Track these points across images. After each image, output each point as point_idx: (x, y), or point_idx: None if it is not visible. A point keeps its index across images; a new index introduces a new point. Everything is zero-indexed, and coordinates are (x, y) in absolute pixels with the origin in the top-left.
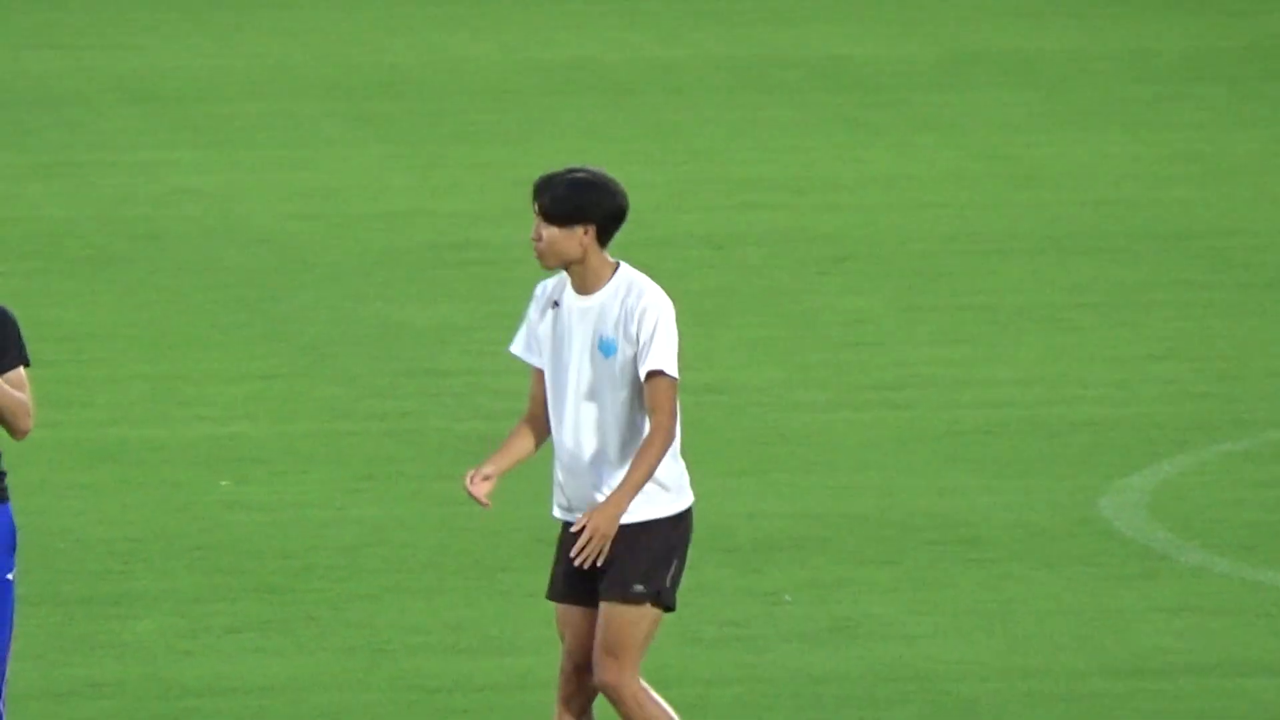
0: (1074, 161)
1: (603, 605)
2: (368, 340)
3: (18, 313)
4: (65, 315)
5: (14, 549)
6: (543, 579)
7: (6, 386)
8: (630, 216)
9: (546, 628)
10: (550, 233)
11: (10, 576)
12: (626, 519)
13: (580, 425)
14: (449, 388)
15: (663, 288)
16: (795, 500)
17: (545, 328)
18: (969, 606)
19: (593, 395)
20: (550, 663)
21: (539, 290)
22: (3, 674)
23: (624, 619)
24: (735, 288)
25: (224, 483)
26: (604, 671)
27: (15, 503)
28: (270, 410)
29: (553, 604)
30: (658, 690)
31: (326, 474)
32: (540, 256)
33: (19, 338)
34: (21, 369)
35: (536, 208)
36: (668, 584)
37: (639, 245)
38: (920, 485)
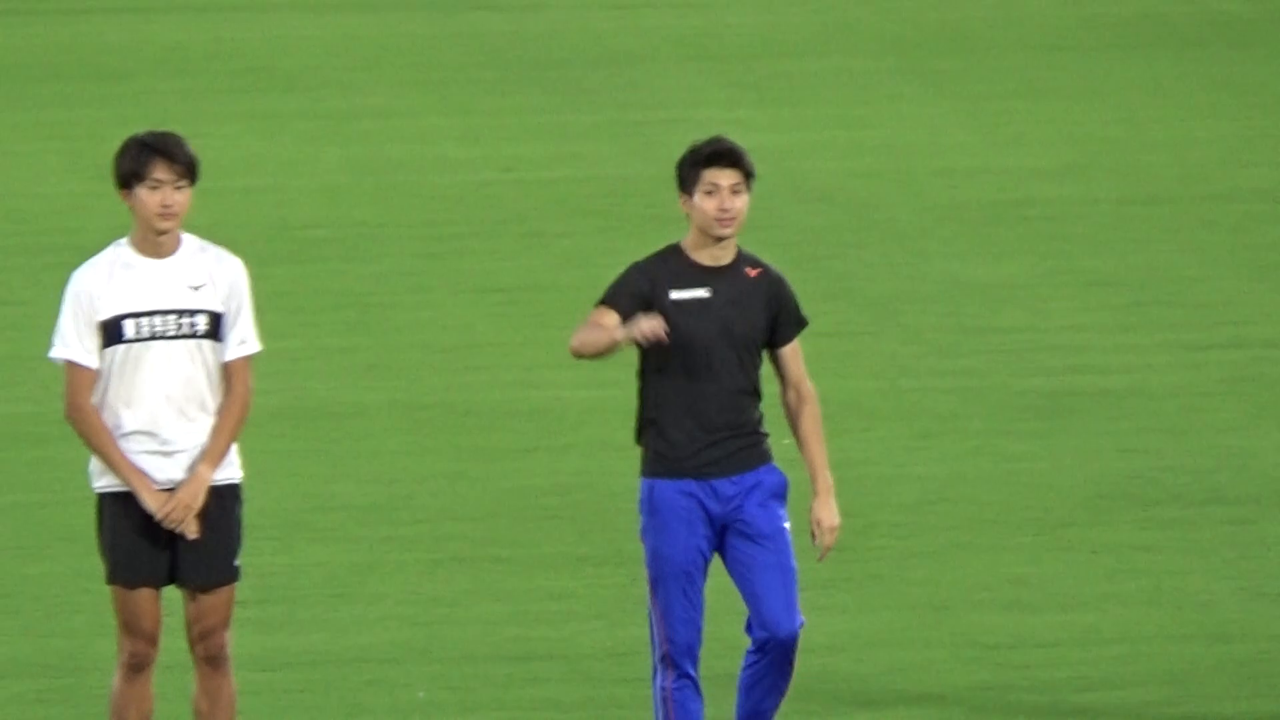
0: None
1: None
2: (930, 297)
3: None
4: None
5: (784, 498)
6: (1106, 534)
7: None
8: (1190, 172)
9: (1110, 583)
10: None
11: (786, 525)
12: None
13: None
14: (1010, 344)
15: (1222, 242)
16: None
17: None
18: None
19: None
20: (1113, 620)
21: None
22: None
23: None
24: None
25: (785, 441)
26: None
27: (574, 463)
28: (832, 367)
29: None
30: (1223, 645)
31: (888, 431)
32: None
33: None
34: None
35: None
36: None
37: (1199, 200)
38: None
